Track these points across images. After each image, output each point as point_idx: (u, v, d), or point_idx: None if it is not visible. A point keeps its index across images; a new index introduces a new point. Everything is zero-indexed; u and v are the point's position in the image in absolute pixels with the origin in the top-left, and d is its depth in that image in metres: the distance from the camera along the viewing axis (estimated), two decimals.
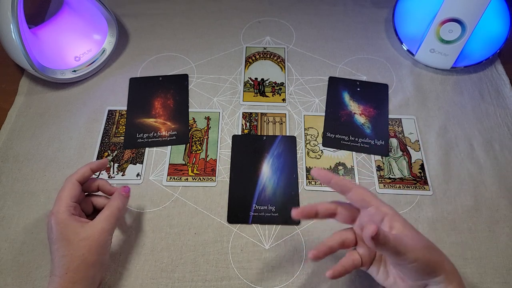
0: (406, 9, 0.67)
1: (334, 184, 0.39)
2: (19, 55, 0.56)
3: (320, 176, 0.40)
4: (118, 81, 0.65)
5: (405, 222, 0.38)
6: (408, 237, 0.35)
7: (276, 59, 0.68)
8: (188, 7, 0.76)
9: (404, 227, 0.37)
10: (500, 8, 0.62)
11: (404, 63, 0.68)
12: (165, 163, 0.56)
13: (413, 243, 0.35)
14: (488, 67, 0.67)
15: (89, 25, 0.66)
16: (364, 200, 0.38)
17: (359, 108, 0.62)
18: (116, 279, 0.47)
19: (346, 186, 0.39)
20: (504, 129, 0.60)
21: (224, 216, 0.52)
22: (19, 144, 0.58)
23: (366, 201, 0.38)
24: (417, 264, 0.34)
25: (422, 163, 0.56)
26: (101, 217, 0.42)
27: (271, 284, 0.47)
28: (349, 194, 0.39)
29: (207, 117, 0.61)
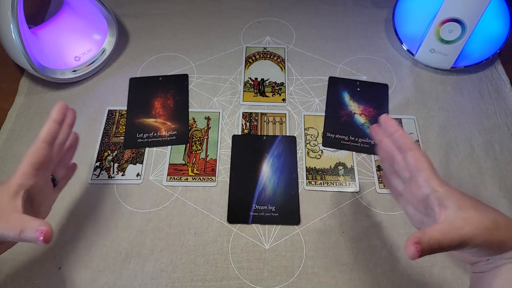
0: (406, 9, 0.67)
1: (397, 138, 0.37)
2: (19, 55, 0.56)
3: (387, 124, 0.37)
4: (118, 81, 0.65)
5: (461, 200, 0.32)
6: (463, 223, 0.31)
7: (276, 59, 0.68)
8: (188, 7, 0.76)
9: (459, 208, 0.32)
10: (500, 8, 0.62)
11: (404, 63, 0.68)
12: (165, 163, 0.56)
13: (470, 230, 0.30)
14: (488, 67, 0.67)
15: (89, 25, 0.66)
16: (417, 169, 0.35)
17: (359, 108, 0.62)
18: (116, 279, 0.47)
19: (406, 145, 0.36)
20: (504, 129, 0.60)
21: (224, 216, 0.52)
22: (19, 144, 0.58)
23: (417, 171, 0.35)
24: (478, 249, 0.31)
25: None
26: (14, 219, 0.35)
27: (271, 284, 0.47)
28: (405, 155, 0.36)
29: (207, 117, 0.61)
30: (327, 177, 0.55)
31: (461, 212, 0.32)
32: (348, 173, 0.56)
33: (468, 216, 0.31)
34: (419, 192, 0.35)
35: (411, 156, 0.35)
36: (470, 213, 0.32)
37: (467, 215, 0.32)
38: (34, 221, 0.34)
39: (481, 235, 0.31)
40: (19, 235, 0.34)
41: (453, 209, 0.32)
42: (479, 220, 0.31)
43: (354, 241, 0.50)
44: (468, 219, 0.31)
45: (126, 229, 0.50)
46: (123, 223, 0.51)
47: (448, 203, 0.32)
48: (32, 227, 0.34)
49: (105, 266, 0.48)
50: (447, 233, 0.31)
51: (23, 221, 0.34)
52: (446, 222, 0.32)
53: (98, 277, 0.47)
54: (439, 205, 0.33)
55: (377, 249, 0.49)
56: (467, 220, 0.31)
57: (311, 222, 0.51)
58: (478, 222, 0.31)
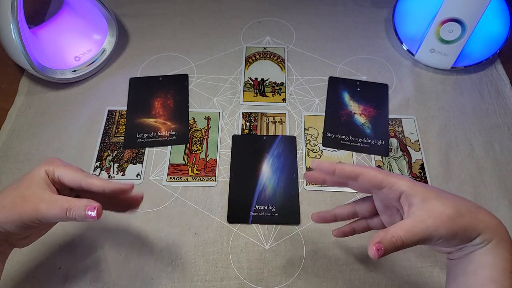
0: (406, 9, 0.67)
1: (339, 174, 0.36)
2: (19, 55, 0.56)
3: (323, 168, 0.37)
4: (118, 81, 0.65)
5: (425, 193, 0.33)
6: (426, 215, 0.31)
7: (276, 59, 0.68)
8: (188, 7, 0.76)
9: (423, 201, 0.32)
10: (500, 8, 0.62)
11: (404, 63, 0.68)
12: (165, 163, 0.56)
13: (433, 221, 0.31)
14: (488, 67, 0.67)
15: (89, 25, 0.66)
16: (374, 185, 0.35)
17: (359, 108, 0.62)
18: (116, 279, 0.47)
19: (353, 173, 0.35)
20: (504, 129, 0.60)
21: (224, 216, 0.52)
22: (19, 144, 0.58)
23: (377, 185, 0.34)
24: (443, 240, 0.31)
25: (422, 163, 0.56)
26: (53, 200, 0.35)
27: (271, 284, 0.47)
28: (357, 183, 0.35)
29: (207, 117, 0.61)
30: None
31: (424, 205, 0.32)
32: None
33: (430, 208, 0.32)
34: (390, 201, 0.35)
35: (362, 181, 0.35)
36: (433, 203, 0.32)
37: (430, 207, 0.32)
38: (79, 200, 0.35)
39: (444, 225, 0.31)
40: (65, 214, 0.34)
41: (417, 204, 0.32)
42: (441, 210, 0.32)
43: (354, 241, 0.50)
44: (430, 210, 0.32)
45: (126, 229, 0.50)
46: (123, 223, 0.51)
47: (413, 199, 0.33)
48: (79, 205, 0.34)
49: (105, 266, 0.48)
50: (410, 229, 0.31)
51: (68, 200, 0.35)
52: (410, 218, 0.32)
53: (98, 277, 0.47)
54: (407, 204, 0.33)
55: None
56: (429, 211, 0.32)
57: (311, 222, 0.51)
58: (440, 212, 0.32)
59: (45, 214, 0.34)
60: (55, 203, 0.35)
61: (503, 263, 0.31)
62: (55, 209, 0.34)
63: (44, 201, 0.34)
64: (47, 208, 0.34)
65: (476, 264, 0.32)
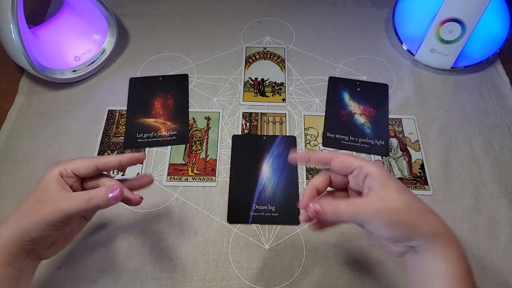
0: (406, 9, 0.67)
1: (314, 161, 0.38)
2: (19, 55, 0.56)
3: (298, 159, 0.39)
4: (118, 81, 0.65)
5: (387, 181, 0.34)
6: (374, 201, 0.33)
7: (276, 59, 0.68)
8: (188, 7, 0.76)
9: (381, 187, 0.33)
10: (500, 8, 0.62)
11: (404, 63, 0.68)
12: (165, 163, 0.56)
13: (377, 209, 0.32)
14: (488, 67, 0.67)
15: (89, 25, 0.66)
16: (346, 166, 0.36)
17: (359, 108, 0.62)
18: (116, 279, 0.47)
19: (325, 158, 0.37)
20: (504, 129, 0.60)
21: (224, 216, 0.52)
22: (19, 144, 0.58)
23: (348, 167, 0.36)
24: (383, 230, 0.32)
25: (422, 163, 0.56)
26: (70, 196, 0.35)
27: (271, 284, 0.47)
28: (331, 166, 0.37)
29: (207, 117, 0.61)
30: None
31: (380, 191, 0.33)
32: None
33: (384, 195, 0.33)
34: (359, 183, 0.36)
35: (334, 164, 0.36)
36: (388, 192, 0.33)
37: (384, 194, 0.33)
38: (98, 189, 0.36)
39: (387, 214, 0.32)
40: (87, 203, 0.35)
41: (375, 188, 0.33)
42: (392, 200, 0.32)
43: (354, 241, 0.50)
44: (382, 197, 0.33)
45: (126, 229, 0.50)
46: (123, 223, 0.51)
47: (374, 184, 0.34)
48: (100, 191, 0.36)
49: (105, 266, 0.48)
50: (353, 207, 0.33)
51: (87, 192, 0.36)
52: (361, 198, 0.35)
53: (98, 277, 0.47)
54: (368, 187, 0.34)
55: (377, 249, 0.49)
56: (381, 197, 0.33)
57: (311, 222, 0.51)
58: (390, 201, 0.32)
59: (67, 209, 0.35)
60: (75, 197, 0.35)
61: (456, 271, 0.31)
62: (76, 202, 0.35)
63: (63, 199, 0.35)
64: (69, 203, 0.35)
65: (429, 272, 0.32)
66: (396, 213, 0.32)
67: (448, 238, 0.32)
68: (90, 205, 0.35)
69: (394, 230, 0.32)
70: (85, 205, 0.35)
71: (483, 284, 0.47)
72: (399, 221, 0.32)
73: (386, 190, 0.33)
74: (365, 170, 0.34)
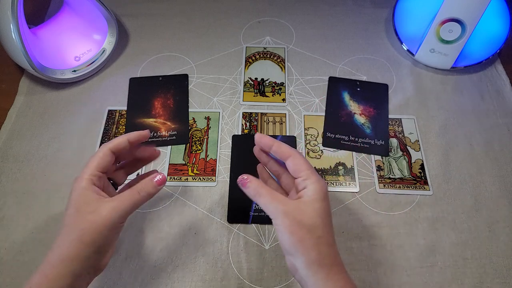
0: (406, 9, 0.67)
1: (274, 151, 0.39)
2: (19, 55, 0.56)
3: (262, 143, 0.40)
4: (118, 81, 0.65)
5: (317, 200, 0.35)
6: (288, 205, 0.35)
7: (276, 59, 0.68)
8: (188, 7, 0.76)
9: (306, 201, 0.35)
10: (500, 8, 0.62)
11: (404, 63, 0.68)
12: (165, 163, 0.56)
13: (283, 210, 0.35)
14: (488, 67, 0.67)
15: (89, 25, 0.66)
16: (295, 170, 0.37)
17: (359, 108, 0.62)
18: (116, 279, 0.47)
19: (285, 153, 0.38)
20: (504, 129, 0.60)
21: (224, 216, 0.52)
22: (19, 144, 0.58)
23: (296, 171, 0.37)
24: (279, 233, 0.35)
25: (422, 163, 0.56)
26: (118, 196, 0.37)
27: (271, 284, 0.47)
28: (287, 162, 0.38)
29: (207, 117, 0.61)
30: (327, 177, 0.55)
31: (303, 204, 0.35)
32: (348, 173, 0.56)
33: (303, 207, 0.35)
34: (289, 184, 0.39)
35: (290, 162, 0.38)
36: (310, 208, 0.35)
37: (304, 206, 0.35)
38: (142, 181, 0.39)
39: (291, 220, 0.34)
40: (138, 194, 0.37)
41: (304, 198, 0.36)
42: (305, 214, 0.35)
43: (354, 241, 0.50)
44: (300, 207, 0.35)
45: (126, 229, 0.50)
46: None
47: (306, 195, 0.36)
48: (145, 181, 0.38)
49: None
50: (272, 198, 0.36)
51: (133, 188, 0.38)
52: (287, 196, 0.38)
53: (98, 277, 0.47)
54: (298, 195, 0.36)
55: (377, 249, 0.49)
56: (298, 206, 0.35)
57: None
58: (302, 214, 0.34)
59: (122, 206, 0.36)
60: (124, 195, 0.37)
61: None
62: (127, 197, 0.37)
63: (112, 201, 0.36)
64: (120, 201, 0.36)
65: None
66: (297, 225, 0.34)
67: (334, 271, 0.34)
68: (142, 196, 0.37)
69: (288, 237, 0.34)
70: (137, 197, 0.37)
71: (483, 285, 0.47)
72: (295, 232, 0.34)
73: (310, 205, 0.35)
74: (308, 182, 0.36)
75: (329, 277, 0.34)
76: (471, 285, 0.47)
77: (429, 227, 0.51)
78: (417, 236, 0.50)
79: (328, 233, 0.35)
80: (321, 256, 0.34)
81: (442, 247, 0.49)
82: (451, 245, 0.50)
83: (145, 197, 0.38)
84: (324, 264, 0.34)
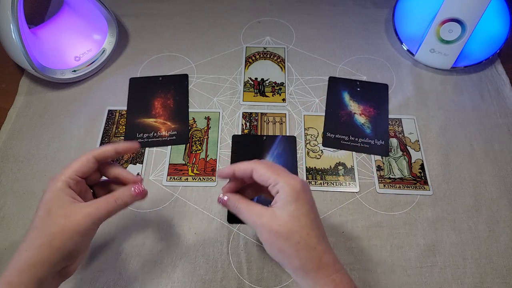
0: (406, 9, 0.67)
1: (238, 175, 0.38)
2: (19, 55, 0.56)
3: (224, 176, 0.39)
4: (118, 81, 0.65)
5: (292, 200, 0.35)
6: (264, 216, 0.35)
7: (276, 59, 0.68)
8: (188, 7, 0.76)
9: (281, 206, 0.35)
10: (500, 8, 0.62)
11: (404, 63, 0.68)
12: (165, 163, 0.56)
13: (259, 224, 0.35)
14: (488, 67, 0.67)
15: (89, 25, 0.66)
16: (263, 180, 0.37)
17: (359, 108, 0.62)
18: (116, 279, 0.47)
19: (246, 171, 0.38)
20: (504, 129, 0.60)
21: (224, 216, 0.52)
22: (19, 144, 0.58)
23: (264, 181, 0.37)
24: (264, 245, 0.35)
25: (422, 163, 0.56)
26: (94, 202, 0.36)
27: (271, 284, 0.47)
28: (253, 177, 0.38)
29: (207, 117, 0.61)
30: (327, 177, 0.55)
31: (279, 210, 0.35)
32: (348, 173, 0.56)
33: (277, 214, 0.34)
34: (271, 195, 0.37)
35: (255, 175, 0.37)
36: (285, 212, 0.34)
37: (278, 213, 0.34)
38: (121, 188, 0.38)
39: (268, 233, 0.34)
40: (115, 203, 0.36)
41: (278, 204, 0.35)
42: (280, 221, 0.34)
43: (354, 241, 0.50)
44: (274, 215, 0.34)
45: (126, 229, 0.50)
46: (123, 223, 0.51)
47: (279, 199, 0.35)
48: (123, 190, 0.37)
49: (105, 266, 0.48)
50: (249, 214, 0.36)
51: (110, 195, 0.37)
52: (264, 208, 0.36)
53: (98, 277, 0.47)
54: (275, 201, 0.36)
55: (377, 249, 0.49)
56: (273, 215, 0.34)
57: None
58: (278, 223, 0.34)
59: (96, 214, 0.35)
60: (100, 201, 0.36)
61: None
62: (103, 205, 0.35)
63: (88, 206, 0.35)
64: (95, 208, 0.35)
65: None
66: (274, 236, 0.34)
67: (321, 275, 0.33)
68: (118, 204, 0.36)
69: (269, 249, 0.35)
70: (113, 205, 0.36)
71: (483, 285, 0.47)
72: (274, 244, 0.34)
73: (284, 210, 0.34)
74: (278, 187, 0.35)
75: (316, 282, 0.33)
76: (471, 285, 0.47)
77: (429, 227, 0.51)
78: (417, 236, 0.50)
79: (309, 235, 0.34)
80: (303, 262, 0.33)
81: (442, 247, 0.49)
82: (451, 245, 0.49)
83: (122, 206, 0.37)
84: (309, 270, 0.33)
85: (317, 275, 0.33)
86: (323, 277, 0.33)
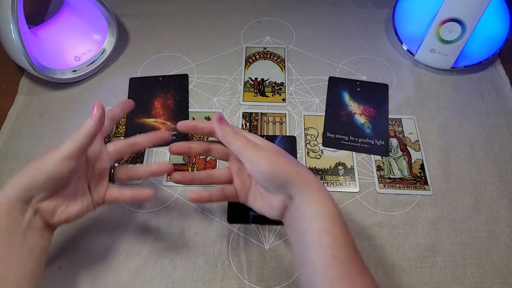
0: (406, 9, 0.67)
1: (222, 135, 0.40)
2: (19, 55, 0.56)
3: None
4: (118, 81, 0.65)
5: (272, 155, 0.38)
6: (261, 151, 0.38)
7: (276, 59, 0.68)
8: (188, 7, 0.76)
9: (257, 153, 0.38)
10: (500, 8, 0.62)
11: (404, 63, 0.68)
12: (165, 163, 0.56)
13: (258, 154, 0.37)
14: (488, 67, 0.67)
15: (89, 25, 0.66)
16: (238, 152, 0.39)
17: (359, 108, 0.62)
18: (116, 279, 0.47)
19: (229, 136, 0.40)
20: (504, 129, 0.60)
21: (224, 216, 0.52)
22: (19, 144, 0.58)
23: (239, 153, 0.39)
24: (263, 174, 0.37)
25: (422, 163, 0.56)
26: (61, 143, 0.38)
27: (271, 284, 0.47)
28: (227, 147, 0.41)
29: (207, 117, 0.61)
30: (327, 177, 0.55)
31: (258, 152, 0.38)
32: (348, 173, 0.56)
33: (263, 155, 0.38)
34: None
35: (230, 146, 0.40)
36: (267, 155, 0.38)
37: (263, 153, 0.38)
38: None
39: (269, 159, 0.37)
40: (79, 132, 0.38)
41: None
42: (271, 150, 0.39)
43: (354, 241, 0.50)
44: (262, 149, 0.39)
45: (126, 229, 0.50)
46: (123, 223, 0.51)
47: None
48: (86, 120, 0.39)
49: (105, 266, 0.48)
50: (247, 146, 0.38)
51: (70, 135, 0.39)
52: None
53: (98, 277, 0.47)
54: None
55: (377, 249, 0.49)
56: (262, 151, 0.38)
57: None
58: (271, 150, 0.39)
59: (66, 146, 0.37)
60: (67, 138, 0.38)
61: (331, 213, 0.36)
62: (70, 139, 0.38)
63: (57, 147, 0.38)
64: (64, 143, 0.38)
65: (307, 219, 0.36)
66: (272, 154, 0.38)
67: (318, 186, 0.37)
68: (86, 132, 0.38)
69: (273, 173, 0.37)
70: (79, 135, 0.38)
71: (483, 285, 0.47)
72: (273, 160, 0.37)
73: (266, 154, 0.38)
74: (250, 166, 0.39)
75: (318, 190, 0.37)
76: (471, 285, 0.47)
77: (429, 227, 0.51)
78: (417, 236, 0.50)
79: (290, 156, 0.39)
80: (304, 175, 0.37)
81: (442, 247, 0.49)
82: (451, 245, 0.50)
83: (90, 134, 0.38)
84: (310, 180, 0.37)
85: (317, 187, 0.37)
86: (322, 189, 0.37)
